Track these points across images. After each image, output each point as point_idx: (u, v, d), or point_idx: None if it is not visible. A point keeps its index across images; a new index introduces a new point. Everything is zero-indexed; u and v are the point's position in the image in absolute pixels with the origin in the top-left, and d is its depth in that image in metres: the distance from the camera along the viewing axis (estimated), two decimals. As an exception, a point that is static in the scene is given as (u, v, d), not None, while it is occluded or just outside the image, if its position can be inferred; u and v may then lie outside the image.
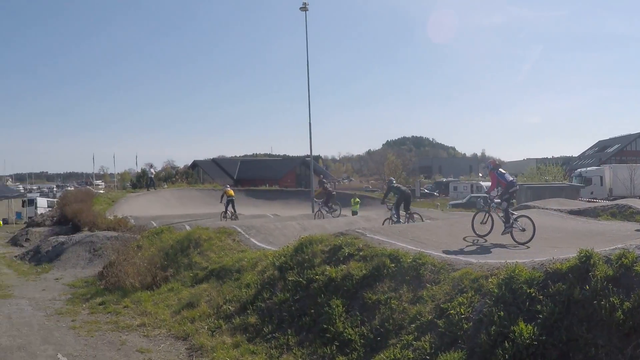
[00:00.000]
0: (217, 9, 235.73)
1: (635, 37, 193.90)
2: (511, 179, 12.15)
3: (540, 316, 5.80)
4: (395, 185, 18.86)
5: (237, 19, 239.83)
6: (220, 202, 27.98)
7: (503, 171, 12.17)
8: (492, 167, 12.17)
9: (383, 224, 16.86)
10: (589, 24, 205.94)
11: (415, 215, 17.94)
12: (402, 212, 17.72)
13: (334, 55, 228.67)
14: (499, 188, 12.03)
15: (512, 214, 11.86)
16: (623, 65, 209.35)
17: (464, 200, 42.27)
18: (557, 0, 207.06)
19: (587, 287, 5.82)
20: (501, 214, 11.85)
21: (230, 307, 10.03)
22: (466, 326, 6.28)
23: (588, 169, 47.34)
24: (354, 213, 28.95)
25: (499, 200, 11.93)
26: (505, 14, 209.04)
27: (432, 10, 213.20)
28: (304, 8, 30.42)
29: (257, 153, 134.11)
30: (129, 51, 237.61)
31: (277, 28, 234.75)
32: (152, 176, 40.54)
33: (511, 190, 11.97)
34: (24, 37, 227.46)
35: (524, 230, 11.19)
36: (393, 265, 8.37)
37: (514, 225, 11.43)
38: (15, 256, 22.26)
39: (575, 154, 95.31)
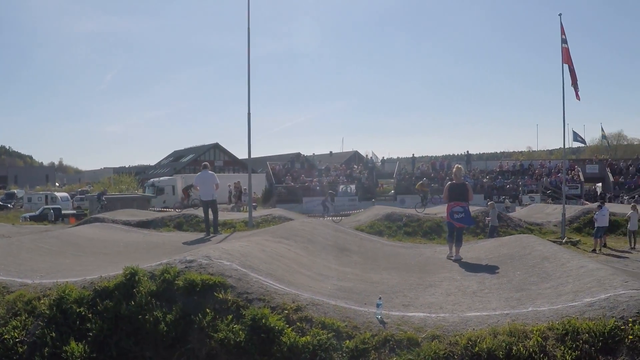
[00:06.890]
0: None
1: (220, 54, 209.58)
2: None
3: (91, 334, 6.10)
4: None
5: None
6: None
7: None
8: None
9: None
10: (180, 37, 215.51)
11: None
12: None
13: None
14: None
15: None
16: (205, 79, 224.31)
17: (37, 213, 40.12)
18: (152, 10, 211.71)
19: (133, 303, 6.33)
20: None
21: None
22: (21, 350, 6.21)
23: (161, 178, 49.70)
24: None
25: None
26: (97, 22, 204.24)
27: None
28: None
29: None
30: None
31: None
32: None
33: None
34: None
35: None
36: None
37: None
38: None
39: (153, 164, 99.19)
